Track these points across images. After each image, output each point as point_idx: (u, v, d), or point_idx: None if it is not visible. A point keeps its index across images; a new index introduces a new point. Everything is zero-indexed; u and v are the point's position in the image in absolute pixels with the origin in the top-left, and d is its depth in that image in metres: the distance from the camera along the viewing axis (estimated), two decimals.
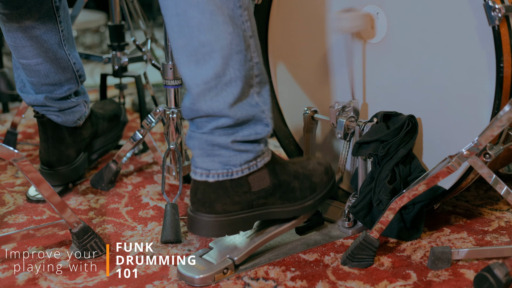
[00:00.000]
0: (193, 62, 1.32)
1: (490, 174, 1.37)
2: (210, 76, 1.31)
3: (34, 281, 1.44)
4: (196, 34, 1.29)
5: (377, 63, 1.62)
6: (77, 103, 1.85)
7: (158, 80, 2.70)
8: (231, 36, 1.31)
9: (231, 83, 1.33)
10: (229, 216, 1.40)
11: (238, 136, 1.36)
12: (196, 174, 1.39)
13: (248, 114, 1.36)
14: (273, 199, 1.45)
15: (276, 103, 1.87)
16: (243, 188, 1.40)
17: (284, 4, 1.78)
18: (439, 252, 1.43)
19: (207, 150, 1.37)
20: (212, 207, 1.39)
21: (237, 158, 1.38)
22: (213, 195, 1.39)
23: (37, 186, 1.44)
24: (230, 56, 1.31)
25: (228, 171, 1.38)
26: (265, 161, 1.42)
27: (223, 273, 1.42)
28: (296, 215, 1.50)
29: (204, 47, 1.30)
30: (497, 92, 1.42)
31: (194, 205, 1.41)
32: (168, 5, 1.30)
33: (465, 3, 1.44)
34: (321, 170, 1.53)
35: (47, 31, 1.71)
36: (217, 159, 1.37)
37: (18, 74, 1.81)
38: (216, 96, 1.33)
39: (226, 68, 1.31)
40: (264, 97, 1.39)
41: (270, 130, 1.41)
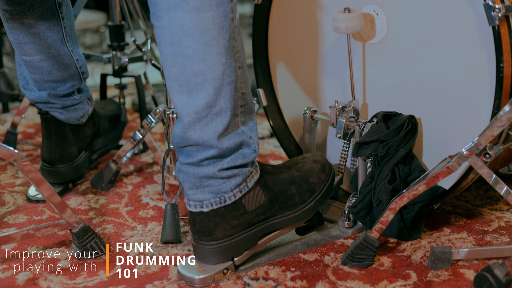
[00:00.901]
0: (185, 91, 1.32)
1: (490, 174, 1.37)
2: (202, 106, 1.32)
3: (34, 281, 1.44)
4: (190, 64, 1.30)
5: (377, 63, 1.62)
6: (80, 100, 1.85)
7: (158, 80, 2.70)
8: (224, 67, 1.31)
9: (221, 113, 1.33)
10: (232, 239, 1.41)
11: (224, 164, 1.37)
12: (191, 206, 1.40)
13: (236, 142, 1.37)
14: (272, 212, 1.45)
15: (276, 103, 1.87)
16: (239, 211, 1.41)
17: (284, 4, 1.78)
18: (439, 252, 1.43)
19: (195, 183, 1.38)
20: (213, 235, 1.40)
21: (226, 185, 1.38)
22: (211, 223, 1.39)
23: (37, 186, 1.44)
24: (222, 87, 1.32)
25: (221, 198, 1.39)
26: (255, 179, 1.43)
27: (223, 273, 1.42)
28: (298, 220, 1.50)
29: (197, 77, 1.31)
30: (497, 92, 1.42)
31: (195, 235, 1.42)
32: (164, 33, 1.30)
33: (465, 3, 1.44)
34: (317, 168, 1.53)
35: (49, 28, 1.71)
36: (207, 189, 1.38)
37: (21, 71, 1.81)
38: (206, 126, 1.33)
39: (217, 99, 1.32)
40: (250, 126, 1.40)
41: (256, 155, 1.41)
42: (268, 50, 1.84)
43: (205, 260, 1.42)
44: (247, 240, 1.43)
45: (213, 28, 1.29)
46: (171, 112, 1.73)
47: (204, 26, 1.28)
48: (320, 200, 1.52)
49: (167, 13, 1.28)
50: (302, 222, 1.53)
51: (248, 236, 1.43)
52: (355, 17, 1.53)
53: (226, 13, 1.29)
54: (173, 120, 1.73)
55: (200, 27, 1.28)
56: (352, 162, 1.70)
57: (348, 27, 1.54)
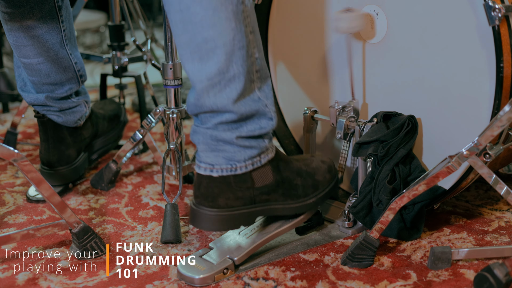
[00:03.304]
0: (196, 58, 1.32)
1: (490, 174, 1.37)
2: (214, 72, 1.32)
3: (34, 281, 1.44)
4: (199, 30, 1.30)
5: (377, 63, 1.62)
6: (78, 103, 1.85)
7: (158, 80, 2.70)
8: (234, 32, 1.31)
9: (234, 79, 1.33)
10: (232, 211, 1.41)
11: (242, 132, 1.37)
12: (200, 168, 1.40)
13: (251, 109, 1.36)
14: (275, 195, 1.45)
15: (276, 103, 1.87)
16: (246, 184, 1.41)
17: (284, 4, 1.78)
18: (439, 252, 1.43)
19: (211, 145, 1.38)
20: (215, 202, 1.39)
21: (241, 154, 1.38)
22: (217, 189, 1.39)
23: (37, 186, 1.44)
24: (233, 52, 1.32)
25: (232, 166, 1.39)
26: (269, 158, 1.43)
27: (223, 273, 1.42)
28: (297, 212, 1.50)
29: (208, 43, 1.30)
30: (497, 92, 1.42)
31: (197, 199, 1.41)
32: (172, 1, 1.30)
33: (465, 3, 1.44)
34: (324, 168, 1.53)
35: (49, 31, 1.72)
36: (221, 154, 1.38)
37: (19, 73, 1.81)
38: (219, 92, 1.33)
39: (229, 64, 1.32)
40: (266, 92, 1.40)
41: (275, 124, 1.41)
42: (268, 50, 1.84)
43: (199, 225, 1.42)
44: (245, 216, 1.43)
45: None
46: (171, 112, 1.73)
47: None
48: (321, 198, 1.52)
49: None
50: (300, 222, 1.53)
51: (247, 213, 1.43)
52: (356, 17, 1.54)
53: None
54: (173, 120, 1.74)
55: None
56: (352, 161, 1.70)
57: (349, 27, 1.54)
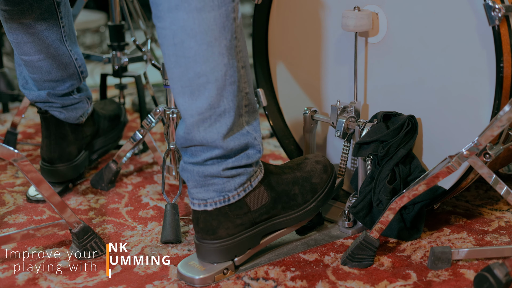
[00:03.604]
0: (188, 92, 1.32)
1: (490, 174, 1.37)
2: (205, 107, 1.32)
3: (34, 281, 1.44)
4: (192, 65, 1.30)
5: (377, 63, 1.62)
6: (80, 100, 1.85)
7: (158, 80, 2.70)
8: (226, 68, 1.31)
9: (224, 114, 1.33)
10: (234, 238, 1.41)
11: (228, 164, 1.37)
12: (194, 205, 1.40)
13: (240, 143, 1.37)
14: (275, 211, 1.45)
15: (276, 103, 1.87)
16: (243, 210, 1.41)
17: (284, 4, 1.78)
18: (439, 252, 1.43)
19: (200, 181, 1.38)
20: (216, 234, 1.40)
21: (231, 184, 1.38)
22: (215, 222, 1.39)
23: (37, 186, 1.44)
24: (225, 87, 1.32)
25: (225, 197, 1.39)
26: (259, 179, 1.43)
27: (223, 273, 1.42)
28: (301, 220, 1.51)
29: (200, 78, 1.30)
30: (497, 92, 1.42)
31: (199, 234, 1.42)
32: (166, 34, 1.30)
33: (465, 3, 1.44)
34: (319, 169, 1.53)
35: (48, 27, 1.72)
36: (211, 188, 1.38)
37: (20, 70, 1.81)
38: (210, 127, 1.33)
39: (220, 99, 1.32)
40: (254, 126, 1.40)
41: (261, 156, 1.41)
42: (268, 50, 1.84)
43: (207, 259, 1.42)
44: (250, 239, 1.43)
45: (215, 29, 1.28)
46: (171, 112, 1.73)
47: (206, 27, 1.28)
48: (322, 200, 1.52)
49: (169, 14, 1.28)
50: (304, 222, 1.53)
51: (251, 235, 1.43)
52: (365, 16, 1.55)
53: (228, 13, 1.29)
54: (173, 120, 1.74)
55: (202, 27, 1.28)
56: (353, 163, 1.70)
57: (357, 25, 1.55)
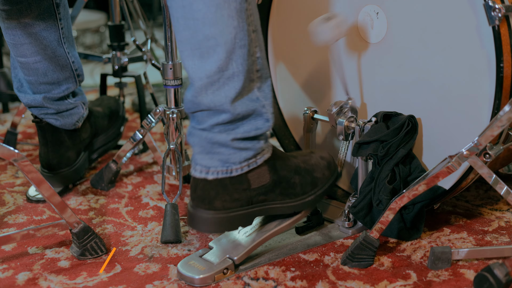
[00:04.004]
0: (197, 55, 1.31)
1: (490, 174, 1.37)
2: (214, 70, 1.31)
3: (34, 281, 1.44)
4: (201, 27, 1.29)
5: (377, 63, 1.62)
6: (75, 105, 1.84)
7: (158, 80, 2.70)
8: (236, 30, 1.30)
9: (233, 78, 1.32)
10: (229, 212, 1.40)
11: (238, 133, 1.36)
12: (196, 171, 1.39)
13: (248, 108, 1.36)
14: (273, 195, 1.45)
15: (276, 103, 1.87)
16: (243, 185, 1.40)
17: (284, 4, 1.78)
18: (439, 252, 1.43)
19: (206, 148, 1.37)
20: (212, 204, 1.39)
21: (236, 156, 1.38)
22: (212, 192, 1.39)
23: (38, 186, 1.44)
24: (234, 51, 1.31)
25: (228, 168, 1.38)
26: (265, 158, 1.42)
27: (223, 273, 1.42)
28: (296, 210, 1.50)
29: (209, 40, 1.30)
30: (497, 92, 1.42)
31: (194, 201, 1.41)
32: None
33: (465, 3, 1.44)
34: (323, 164, 1.53)
35: (46, 28, 1.71)
36: (216, 157, 1.37)
37: (16, 73, 1.80)
38: (218, 90, 1.32)
39: (229, 63, 1.31)
40: (265, 92, 1.39)
41: (271, 125, 1.40)
42: (268, 50, 1.84)
43: (197, 227, 1.42)
44: (243, 217, 1.42)
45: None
46: (171, 112, 1.73)
47: None
48: (319, 195, 1.51)
49: None
50: (299, 219, 1.52)
51: (245, 214, 1.42)
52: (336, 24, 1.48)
53: None
54: (173, 120, 1.74)
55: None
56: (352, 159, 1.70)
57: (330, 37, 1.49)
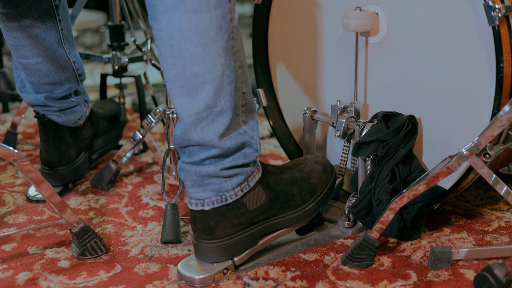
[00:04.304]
0: (185, 93, 1.32)
1: (490, 174, 1.37)
2: (202, 107, 1.32)
3: (34, 281, 1.44)
4: (189, 66, 1.30)
5: (377, 63, 1.62)
6: (77, 103, 1.85)
7: (158, 80, 2.71)
8: (223, 68, 1.31)
9: (221, 114, 1.33)
10: (232, 238, 1.41)
11: (226, 163, 1.37)
12: (192, 204, 1.41)
13: (237, 142, 1.37)
14: (273, 211, 1.46)
15: (276, 103, 1.87)
16: (240, 210, 1.41)
17: (284, 4, 1.78)
18: (439, 252, 1.43)
19: (197, 181, 1.38)
20: (213, 233, 1.40)
21: (228, 184, 1.38)
22: (212, 222, 1.39)
23: (37, 186, 1.44)
24: (222, 88, 1.32)
25: (222, 197, 1.39)
26: (257, 179, 1.43)
27: (223, 273, 1.42)
28: (299, 220, 1.50)
29: (197, 78, 1.31)
30: (497, 92, 1.42)
31: (196, 234, 1.42)
32: (162, 35, 1.30)
33: (465, 3, 1.44)
34: (319, 169, 1.53)
35: (46, 30, 1.71)
36: (208, 188, 1.38)
37: (18, 73, 1.81)
38: (207, 127, 1.33)
39: (217, 99, 1.32)
40: (251, 125, 1.40)
41: (258, 155, 1.42)
42: (268, 50, 1.84)
43: (205, 259, 1.42)
44: (247, 239, 1.43)
45: (211, 30, 1.28)
46: (171, 112, 1.73)
47: (202, 28, 1.28)
48: (321, 201, 1.52)
49: (165, 15, 1.28)
50: (303, 223, 1.53)
51: (249, 235, 1.43)
52: (366, 16, 1.55)
53: (224, 14, 1.29)
54: (173, 120, 1.74)
55: (199, 28, 1.28)
56: (353, 164, 1.70)
57: (358, 25, 1.55)
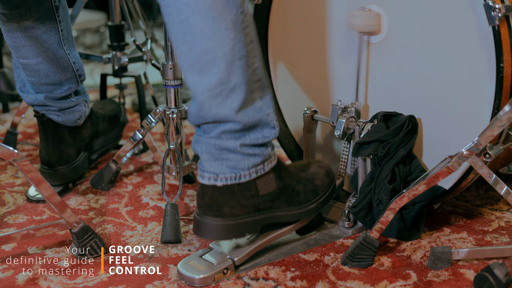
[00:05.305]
0: (196, 69, 1.31)
1: (490, 174, 1.37)
2: (215, 83, 1.31)
3: (34, 281, 1.44)
4: (198, 41, 1.29)
5: (377, 63, 1.62)
6: (77, 103, 1.85)
7: (158, 80, 2.70)
8: (233, 42, 1.30)
9: (235, 89, 1.32)
10: (236, 219, 1.41)
11: (246, 140, 1.37)
12: (204, 178, 1.39)
13: (254, 118, 1.36)
14: (278, 202, 1.45)
15: (276, 103, 1.87)
16: (251, 192, 1.40)
17: (284, 4, 1.78)
18: (439, 252, 1.43)
19: (215, 154, 1.38)
20: (220, 211, 1.39)
21: (245, 162, 1.38)
22: (221, 198, 1.39)
23: (37, 186, 1.44)
24: (233, 62, 1.31)
25: (236, 174, 1.38)
26: (272, 165, 1.43)
27: (223, 273, 1.42)
28: (300, 218, 1.50)
29: (207, 54, 1.30)
30: (497, 92, 1.42)
31: (202, 209, 1.41)
32: (171, 12, 1.29)
33: (465, 3, 1.44)
34: (322, 173, 1.53)
35: (46, 31, 1.72)
36: (225, 163, 1.38)
37: (18, 73, 1.81)
38: (221, 103, 1.33)
39: (229, 75, 1.31)
40: (267, 101, 1.40)
41: (277, 133, 1.42)
42: (268, 50, 1.84)
43: (205, 235, 1.42)
44: (250, 224, 1.42)
45: (219, 3, 1.27)
46: (171, 112, 1.73)
47: (211, 2, 1.27)
48: (322, 203, 1.52)
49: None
50: (303, 223, 1.53)
51: (252, 221, 1.42)
52: (371, 16, 1.55)
53: None
54: (173, 120, 1.74)
55: (207, 3, 1.27)
56: (353, 165, 1.70)
57: (363, 25, 1.55)
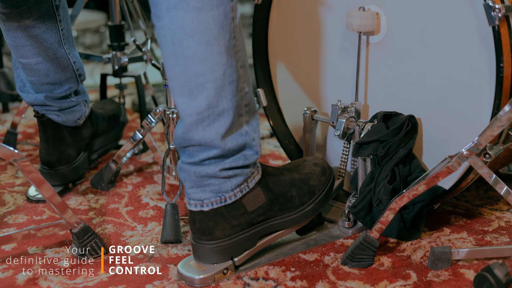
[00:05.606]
0: (186, 92, 1.32)
1: (490, 174, 1.37)
2: (203, 107, 1.32)
3: (34, 281, 1.44)
4: (191, 65, 1.30)
5: (377, 63, 1.62)
6: (77, 103, 1.85)
7: (158, 80, 2.71)
8: (225, 67, 1.31)
9: (223, 114, 1.33)
10: (231, 239, 1.41)
11: (226, 164, 1.37)
12: (191, 205, 1.40)
13: (238, 143, 1.37)
14: (272, 212, 1.45)
15: (276, 103, 1.87)
16: (239, 211, 1.41)
17: (284, 4, 1.78)
18: (439, 252, 1.43)
19: (196, 182, 1.38)
20: (212, 234, 1.40)
21: (227, 184, 1.38)
22: (211, 223, 1.39)
23: (38, 186, 1.44)
24: (223, 87, 1.32)
25: (221, 198, 1.39)
26: (256, 180, 1.43)
27: (223, 273, 1.42)
28: (298, 222, 1.51)
29: (198, 77, 1.30)
30: (497, 92, 1.42)
31: (195, 234, 1.42)
32: (165, 34, 1.30)
33: (465, 3, 1.44)
34: (317, 171, 1.53)
35: (47, 30, 1.71)
36: (208, 189, 1.38)
37: (18, 73, 1.81)
38: (208, 126, 1.33)
39: (219, 99, 1.32)
40: (253, 126, 1.40)
41: (258, 157, 1.41)
42: (268, 50, 1.84)
43: (204, 260, 1.42)
44: (246, 240, 1.43)
45: (213, 28, 1.28)
46: (171, 112, 1.73)
47: (205, 26, 1.28)
48: (319, 202, 1.52)
49: (168, 13, 1.28)
50: (302, 224, 1.53)
51: (247, 236, 1.43)
52: (369, 16, 1.55)
53: (226, 13, 1.29)
54: (173, 120, 1.74)
55: (201, 27, 1.28)
56: (353, 165, 1.70)
57: (361, 24, 1.55)
